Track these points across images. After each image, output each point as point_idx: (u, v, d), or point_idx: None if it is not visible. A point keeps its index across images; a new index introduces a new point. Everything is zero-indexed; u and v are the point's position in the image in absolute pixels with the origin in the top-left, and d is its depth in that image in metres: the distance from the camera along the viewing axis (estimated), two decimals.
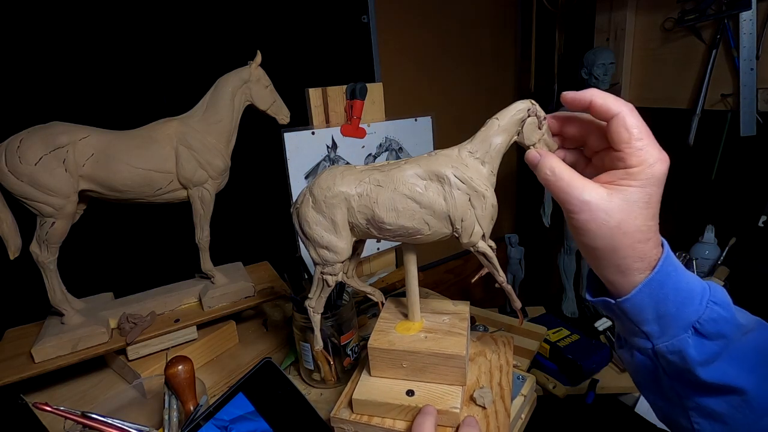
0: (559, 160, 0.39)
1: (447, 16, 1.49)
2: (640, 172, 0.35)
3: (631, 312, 0.37)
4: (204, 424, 0.48)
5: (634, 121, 0.35)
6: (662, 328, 0.36)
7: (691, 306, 0.35)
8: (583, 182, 0.36)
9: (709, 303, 0.35)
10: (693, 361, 0.35)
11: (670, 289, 0.35)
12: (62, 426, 0.54)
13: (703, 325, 0.35)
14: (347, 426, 0.48)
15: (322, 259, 0.49)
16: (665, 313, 0.36)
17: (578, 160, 0.44)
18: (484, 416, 0.46)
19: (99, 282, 0.77)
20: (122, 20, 0.92)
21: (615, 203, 0.35)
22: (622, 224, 0.35)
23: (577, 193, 0.36)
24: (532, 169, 0.41)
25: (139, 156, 0.65)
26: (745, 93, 1.10)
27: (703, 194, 1.32)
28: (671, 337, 0.36)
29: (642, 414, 0.95)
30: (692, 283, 0.36)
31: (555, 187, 0.38)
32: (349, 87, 0.87)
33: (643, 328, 0.37)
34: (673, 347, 0.36)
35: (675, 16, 1.19)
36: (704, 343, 0.35)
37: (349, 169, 0.48)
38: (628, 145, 0.35)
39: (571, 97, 0.38)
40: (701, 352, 0.35)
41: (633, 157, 0.35)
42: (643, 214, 0.35)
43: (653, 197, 0.35)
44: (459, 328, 0.51)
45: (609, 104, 0.36)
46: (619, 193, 0.35)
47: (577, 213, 0.36)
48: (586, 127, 0.41)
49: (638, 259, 0.35)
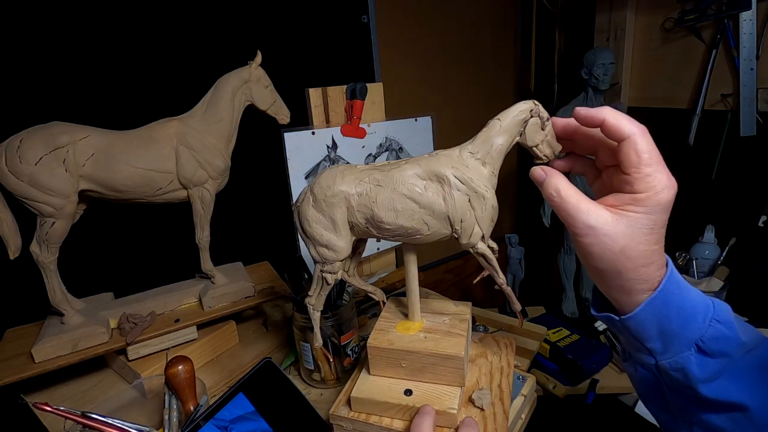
0: (564, 179, 0.39)
1: (447, 16, 1.50)
2: (646, 199, 0.35)
3: (634, 329, 0.37)
4: (204, 424, 0.48)
5: (645, 146, 0.35)
6: (665, 345, 0.36)
7: (694, 324, 0.35)
8: (588, 205, 0.36)
9: (712, 321, 0.35)
10: (695, 379, 0.35)
11: (672, 308, 0.36)
12: (62, 426, 0.54)
13: (705, 343, 0.35)
14: (345, 423, 0.48)
15: (322, 258, 0.49)
16: (668, 331, 0.36)
17: (590, 169, 0.43)
18: (482, 418, 0.46)
19: (99, 282, 0.77)
20: (122, 20, 0.92)
21: (620, 229, 0.35)
22: (625, 249, 0.35)
23: (582, 217, 0.36)
24: (537, 186, 0.40)
25: (140, 156, 0.65)
26: (745, 93, 1.10)
27: (703, 194, 1.32)
28: (674, 355, 0.36)
29: (642, 414, 0.95)
30: (696, 300, 0.36)
31: (561, 209, 0.38)
32: (349, 87, 0.87)
33: (647, 344, 0.37)
34: (676, 364, 0.36)
35: (675, 16, 1.19)
36: (707, 361, 0.35)
37: (350, 169, 0.48)
38: (636, 170, 0.35)
39: (584, 115, 0.38)
40: (704, 370, 0.35)
41: (641, 182, 0.35)
42: (647, 239, 0.35)
43: (658, 223, 0.35)
44: (459, 329, 0.51)
45: (622, 126, 0.35)
46: (624, 218, 0.35)
47: (581, 237, 0.36)
48: (597, 140, 0.40)
49: (642, 281, 0.36)
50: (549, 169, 0.41)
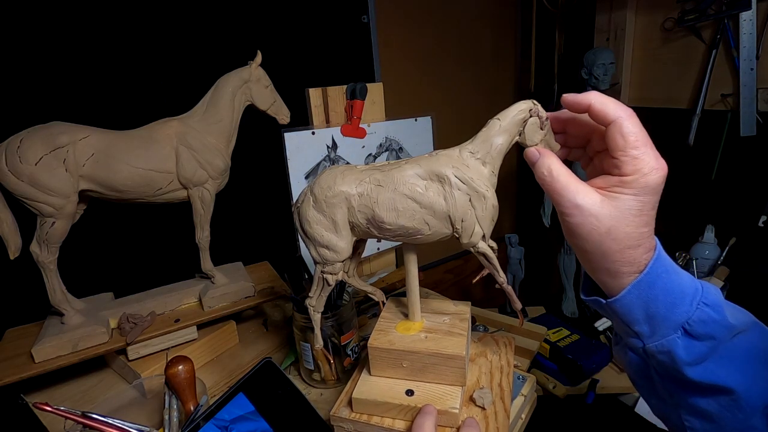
0: (557, 160, 0.39)
1: (447, 16, 1.50)
2: (633, 181, 0.35)
3: (621, 312, 0.37)
4: (204, 424, 0.48)
5: (632, 129, 0.35)
6: (652, 328, 0.37)
7: (681, 307, 0.35)
8: (577, 186, 0.37)
9: (699, 304, 0.35)
10: (681, 362, 0.35)
11: (659, 290, 0.36)
12: (62, 426, 0.54)
13: (692, 326, 0.35)
14: (347, 425, 0.48)
15: (322, 258, 0.49)
16: (655, 314, 0.36)
17: (581, 157, 0.44)
18: (483, 417, 0.46)
19: (99, 282, 0.77)
20: (122, 20, 0.92)
21: (606, 210, 0.35)
22: (612, 231, 0.35)
23: (570, 196, 0.36)
24: (530, 166, 0.41)
25: (140, 156, 0.65)
26: (745, 93, 1.10)
27: (703, 194, 1.32)
28: (661, 337, 0.36)
29: (642, 414, 0.95)
30: (684, 284, 0.36)
31: (550, 188, 0.38)
32: (349, 87, 0.87)
33: (634, 327, 0.37)
34: (663, 347, 0.36)
35: (675, 16, 1.19)
36: (693, 344, 0.35)
37: (350, 169, 0.48)
38: (623, 153, 0.35)
39: (571, 100, 0.38)
40: (690, 353, 0.35)
41: (628, 165, 0.35)
42: (635, 221, 0.35)
43: (647, 205, 0.35)
44: (459, 328, 0.51)
45: (607, 109, 0.36)
46: (612, 200, 0.35)
47: (568, 216, 0.36)
48: (589, 127, 0.41)
49: (627, 263, 0.36)
50: (543, 149, 0.41)
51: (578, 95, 0.38)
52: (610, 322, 1.14)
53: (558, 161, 0.39)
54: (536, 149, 0.41)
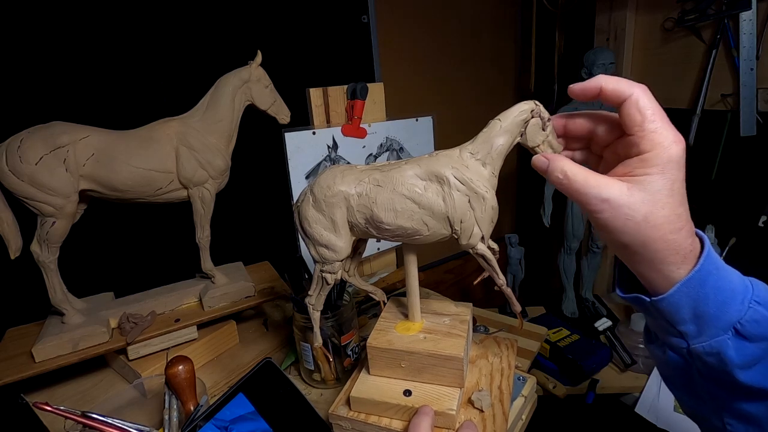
0: (568, 160, 0.37)
1: (447, 16, 1.49)
2: (655, 157, 0.33)
3: (666, 311, 0.35)
4: (204, 425, 0.48)
5: (647, 103, 0.33)
6: (700, 328, 0.34)
7: (732, 306, 0.33)
8: (597, 179, 0.34)
9: (751, 303, 0.33)
10: (732, 364, 0.33)
11: (710, 289, 0.33)
12: (62, 426, 0.54)
13: (744, 326, 0.33)
14: (345, 423, 0.48)
15: (322, 258, 0.49)
16: (704, 314, 0.33)
17: (587, 159, 0.42)
18: (481, 419, 0.46)
19: (99, 282, 0.77)
20: (122, 20, 0.92)
21: (637, 197, 0.33)
22: (649, 217, 0.32)
23: (594, 192, 0.34)
24: (541, 174, 0.39)
25: (140, 156, 0.65)
26: (745, 93, 1.10)
27: (703, 194, 1.32)
28: (709, 338, 0.34)
29: (642, 414, 0.95)
30: (734, 281, 0.34)
31: (570, 189, 0.35)
32: (350, 87, 0.87)
33: (679, 327, 0.35)
34: (711, 348, 0.34)
35: (675, 16, 1.19)
36: (745, 345, 0.33)
37: (350, 169, 0.48)
38: (640, 128, 0.33)
39: (580, 88, 0.36)
40: (741, 355, 0.33)
41: (647, 140, 0.33)
42: (669, 202, 0.33)
43: (676, 183, 0.33)
44: (459, 329, 0.51)
45: (621, 87, 0.34)
46: (639, 184, 0.33)
47: (598, 212, 0.34)
48: (591, 120, 0.39)
49: (673, 251, 0.33)
50: (550, 154, 0.39)
51: (585, 82, 0.36)
52: (610, 322, 1.14)
53: (569, 161, 0.37)
54: (543, 156, 0.39)
